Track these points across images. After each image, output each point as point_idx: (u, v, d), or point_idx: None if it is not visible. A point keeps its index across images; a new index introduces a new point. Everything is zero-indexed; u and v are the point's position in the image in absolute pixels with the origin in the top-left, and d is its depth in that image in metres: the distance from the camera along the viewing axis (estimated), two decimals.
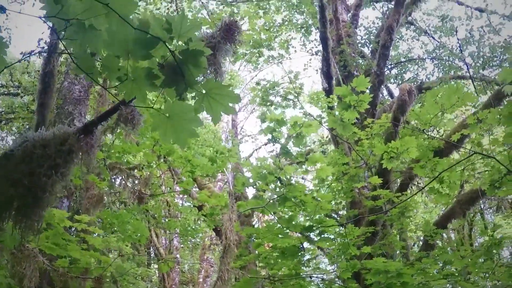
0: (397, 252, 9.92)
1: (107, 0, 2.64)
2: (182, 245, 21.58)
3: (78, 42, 2.85)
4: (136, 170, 12.91)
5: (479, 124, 6.49)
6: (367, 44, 15.68)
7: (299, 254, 7.10)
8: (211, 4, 14.72)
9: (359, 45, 15.27)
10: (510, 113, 5.38)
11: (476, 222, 20.66)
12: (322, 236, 7.01)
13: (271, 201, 6.67)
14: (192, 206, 13.12)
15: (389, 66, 15.30)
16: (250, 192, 14.32)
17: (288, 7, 14.91)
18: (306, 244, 7.25)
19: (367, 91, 6.27)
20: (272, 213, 6.97)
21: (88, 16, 2.75)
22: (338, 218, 13.80)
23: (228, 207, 10.98)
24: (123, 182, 13.25)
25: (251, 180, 7.18)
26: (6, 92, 16.28)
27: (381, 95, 13.55)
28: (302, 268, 7.28)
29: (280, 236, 6.94)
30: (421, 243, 18.26)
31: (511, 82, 5.47)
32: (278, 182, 6.83)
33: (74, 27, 2.81)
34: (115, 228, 8.81)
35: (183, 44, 2.70)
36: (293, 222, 6.76)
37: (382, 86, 12.75)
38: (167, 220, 13.84)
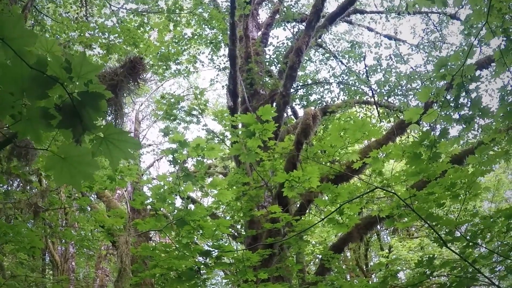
0: (294, 275, 10.04)
1: (3, 33, 2.49)
2: (77, 252, 21.02)
3: None
4: (35, 176, 12.42)
5: (382, 157, 6.65)
6: (275, 63, 15.81)
7: (196, 277, 7.04)
8: (122, 12, 14.39)
9: (267, 63, 15.37)
10: (414, 154, 5.56)
11: (372, 243, 21.38)
12: (220, 260, 6.98)
13: (169, 224, 6.59)
14: (89, 216, 12.75)
15: (296, 87, 15.49)
16: None
17: (199, 21, 14.82)
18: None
19: (271, 118, 6.31)
20: (170, 235, 6.89)
21: None
22: (236, 235, 13.82)
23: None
24: (21, 185, 12.73)
25: (150, 200, 7.06)
26: None
27: (285, 114, 13.71)
28: None
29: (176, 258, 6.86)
30: (317, 260, 18.64)
31: (417, 122, 5.65)
32: (179, 199, 6.75)
33: None
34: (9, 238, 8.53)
35: (83, 85, 2.57)
36: (191, 247, 6.70)
37: (287, 107, 12.89)
38: (63, 229, 13.35)
